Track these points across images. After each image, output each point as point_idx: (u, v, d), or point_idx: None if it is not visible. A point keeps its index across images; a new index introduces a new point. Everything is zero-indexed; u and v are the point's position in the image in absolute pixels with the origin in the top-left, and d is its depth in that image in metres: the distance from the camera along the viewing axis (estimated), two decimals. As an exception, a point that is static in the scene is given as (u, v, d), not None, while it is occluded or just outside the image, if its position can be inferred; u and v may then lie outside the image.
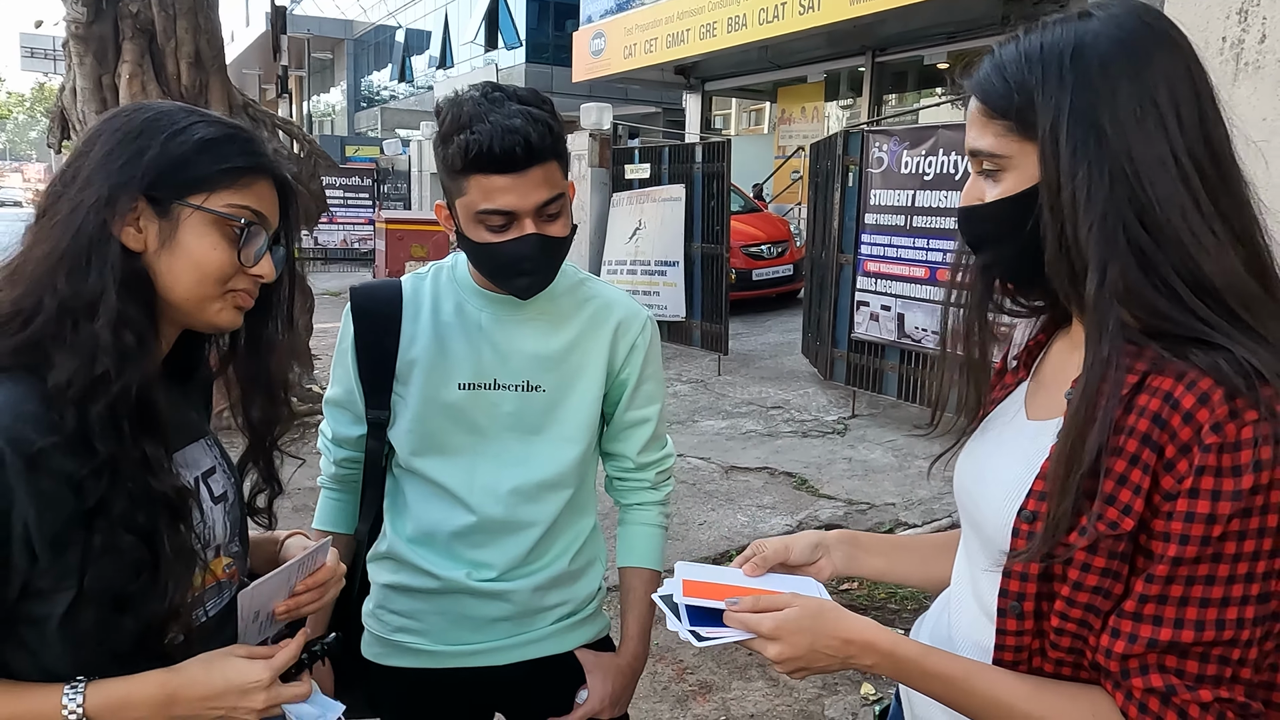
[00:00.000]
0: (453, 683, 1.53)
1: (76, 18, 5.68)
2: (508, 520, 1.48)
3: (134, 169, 0.99)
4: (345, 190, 16.50)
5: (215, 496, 1.13)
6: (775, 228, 11.58)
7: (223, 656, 1.02)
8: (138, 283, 0.99)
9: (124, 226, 0.99)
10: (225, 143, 1.04)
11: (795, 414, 6.85)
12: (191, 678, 0.99)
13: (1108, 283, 0.85)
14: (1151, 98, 0.86)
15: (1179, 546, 0.80)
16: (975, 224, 0.99)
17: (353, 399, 1.52)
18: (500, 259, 1.37)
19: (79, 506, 0.93)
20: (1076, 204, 0.86)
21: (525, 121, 1.29)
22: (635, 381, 1.54)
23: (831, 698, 3.15)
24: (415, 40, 29.62)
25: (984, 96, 0.94)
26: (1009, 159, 0.92)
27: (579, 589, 1.58)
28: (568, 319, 1.50)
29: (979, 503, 1.01)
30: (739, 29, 12.64)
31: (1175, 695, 0.82)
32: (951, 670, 0.94)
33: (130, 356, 0.95)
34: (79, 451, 0.93)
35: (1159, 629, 0.82)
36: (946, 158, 5.75)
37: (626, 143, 10.55)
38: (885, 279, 6.32)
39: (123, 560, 0.95)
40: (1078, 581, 0.87)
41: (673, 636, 3.52)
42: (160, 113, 1.04)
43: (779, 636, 0.96)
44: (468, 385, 1.46)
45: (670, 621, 1.04)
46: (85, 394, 0.93)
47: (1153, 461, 0.82)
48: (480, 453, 1.47)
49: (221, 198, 1.03)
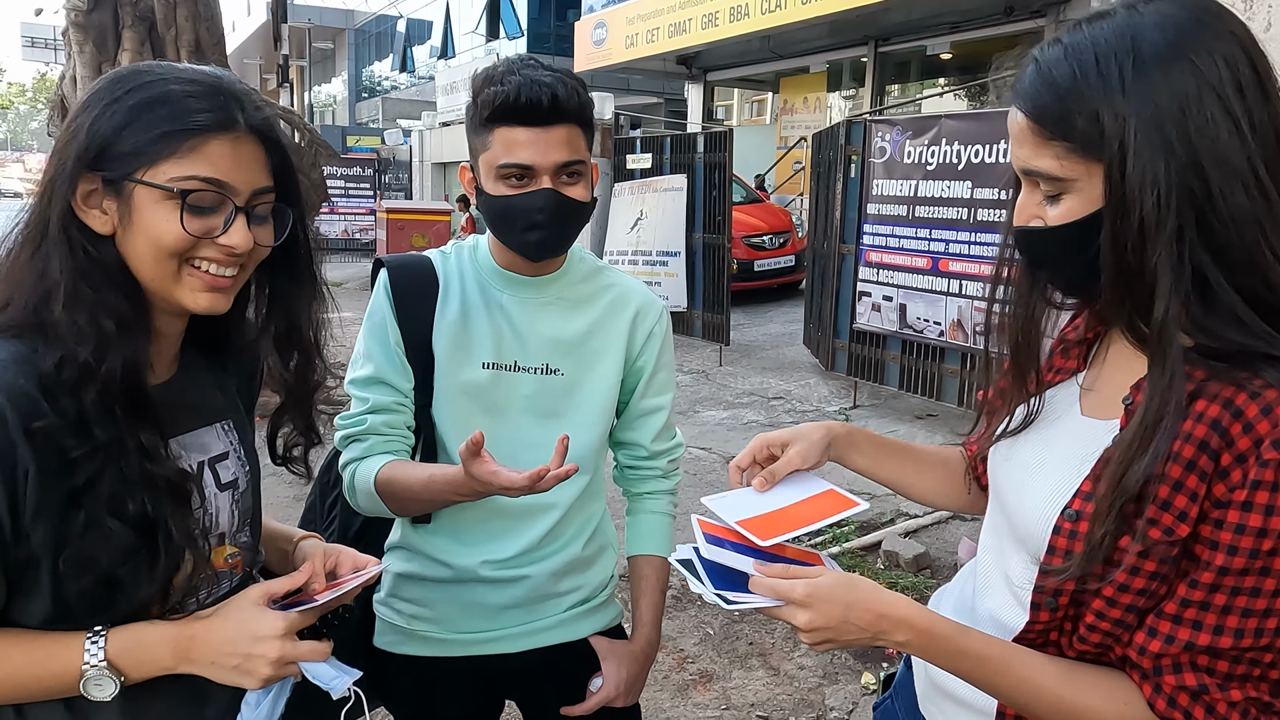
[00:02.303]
0: (466, 671, 1.53)
1: (77, 5, 5.68)
2: (526, 504, 1.45)
3: (78, 146, 0.94)
4: (346, 180, 16.48)
5: (222, 483, 1.09)
6: (777, 218, 11.56)
7: (237, 602, 1.01)
8: (112, 266, 0.95)
9: (89, 210, 0.95)
10: (156, 106, 0.94)
11: (797, 405, 6.84)
12: (208, 624, 0.98)
13: (1172, 313, 0.82)
14: (1218, 95, 0.80)
15: (1227, 556, 0.81)
16: (1037, 246, 0.95)
17: (394, 371, 1.45)
18: (514, 211, 1.37)
19: (70, 482, 0.91)
20: (1145, 231, 0.82)
21: (554, 80, 1.33)
22: (651, 370, 1.55)
23: (832, 687, 3.16)
24: (416, 30, 29.52)
25: (1038, 115, 0.88)
26: (1073, 182, 0.87)
27: (592, 575, 1.59)
28: (586, 304, 1.51)
29: (1021, 493, 1.00)
30: (741, 19, 12.58)
31: (1206, 693, 0.83)
32: (986, 651, 0.93)
33: (110, 343, 0.92)
34: (71, 434, 0.91)
35: (1198, 634, 0.83)
36: (949, 148, 5.73)
37: (628, 133, 10.51)
38: (887, 269, 6.31)
39: (110, 542, 0.92)
40: (1124, 584, 0.87)
41: (675, 625, 3.54)
42: (113, 76, 0.97)
43: (810, 604, 0.92)
44: (491, 365, 1.45)
45: (693, 584, 0.99)
46: (74, 382, 0.91)
47: (1210, 469, 0.82)
48: (498, 435, 1.45)
49: (163, 169, 0.94)
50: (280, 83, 14.71)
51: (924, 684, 1.16)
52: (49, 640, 0.93)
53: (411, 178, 18.45)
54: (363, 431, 1.45)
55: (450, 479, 1.29)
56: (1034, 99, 0.88)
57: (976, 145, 5.56)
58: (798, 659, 3.34)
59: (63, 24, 5.98)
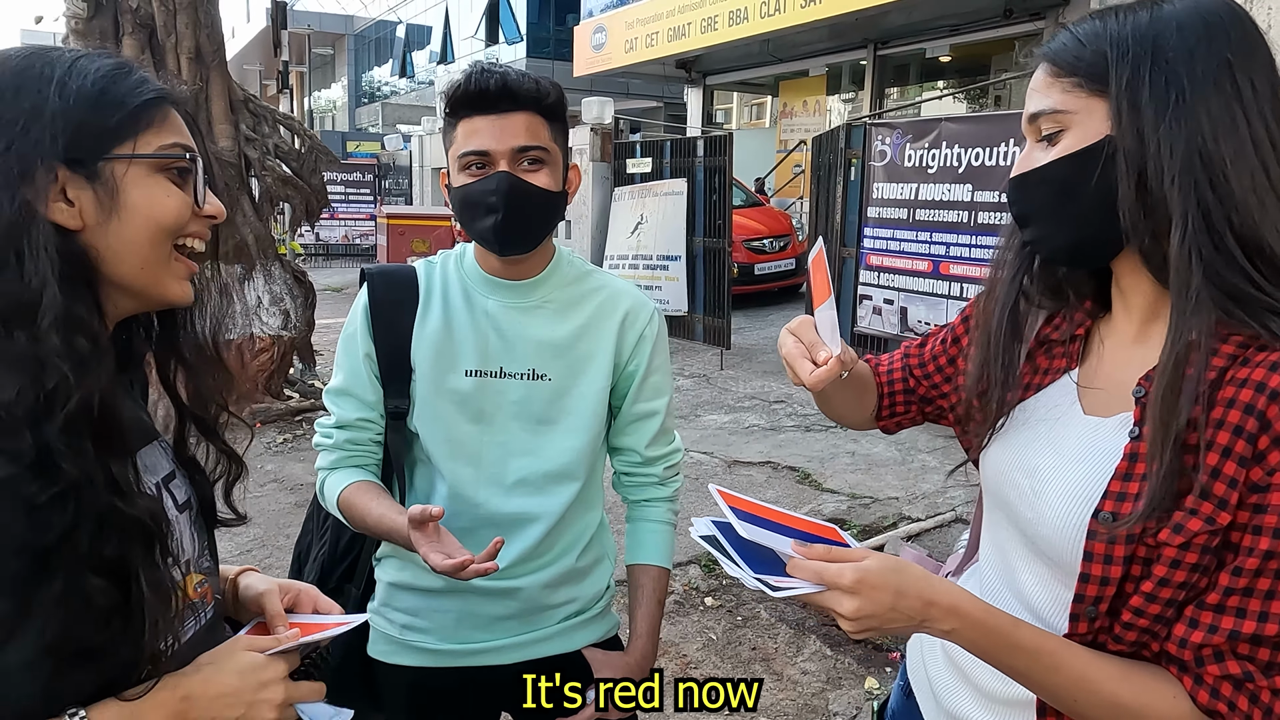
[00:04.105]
0: (459, 682, 1.52)
1: (76, 13, 5.67)
2: (515, 514, 1.46)
3: (37, 133, 0.81)
4: (346, 186, 16.49)
5: (179, 504, 0.98)
6: (777, 222, 11.56)
7: (229, 652, 0.93)
8: (81, 268, 0.84)
9: (51, 203, 0.82)
10: (123, 75, 0.87)
11: (798, 408, 6.83)
12: (203, 679, 0.89)
13: (1190, 236, 0.84)
14: (1227, 61, 0.85)
15: (1272, 540, 0.80)
16: (1029, 190, 0.95)
17: (360, 384, 1.48)
18: (472, 198, 1.38)
19: (36, 542, 0.78)
20: (1162, 157, 0.85)
21: (507, 70, 1.37)
22: (643, 373, 1.53)
23: (835, 692, 3.15)
24: (416, 35, 29.59)
25: (1054, 58, 0.93)
26: (1073, 114, 0.90)
27: (587, 586, 1.57)
28: (574, 308, 1.49)
29: (1028, 498, 0.97)
30: (740, 22, 12.60)
31: (1251, 681, 0.82)
32: (1041, 644, 0.89)
33: (86, 361, 0.80)
34: (34, 479, 0.77)
35: (1242, 621, 0.82)
36: (949, 151, 5.73)
37: (628, 137, 10.53)
38: (888, 272, 6.31)
39: (88, 607, 0.80)
40: (1164, 578, 0.85)
41: (678, 630, 3.53)
42: (29, 56, 0.85)
43: (859, 590, 0.86)
44: (475, 372, 1.45)
45: (728, 566, 0.90)
46: (38, 412, 0.78)
47: (1248, 453, 0.81)
48: (486, 443, 1.46)
49: (149, 139, 0.87)
50: (280, 89, 14.73)
51: (934, 713, 1.12)
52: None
53: (411, 183, 18.45)
54: (331, 445, 1.50)
55: (394, 528, 1.33)
56: (1055, 49, 0.94)
57: (977, 148, 5.56)
58: (801, 664, 3.33)
59: (63, 31, 5.98)
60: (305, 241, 14.91)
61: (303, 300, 6.49)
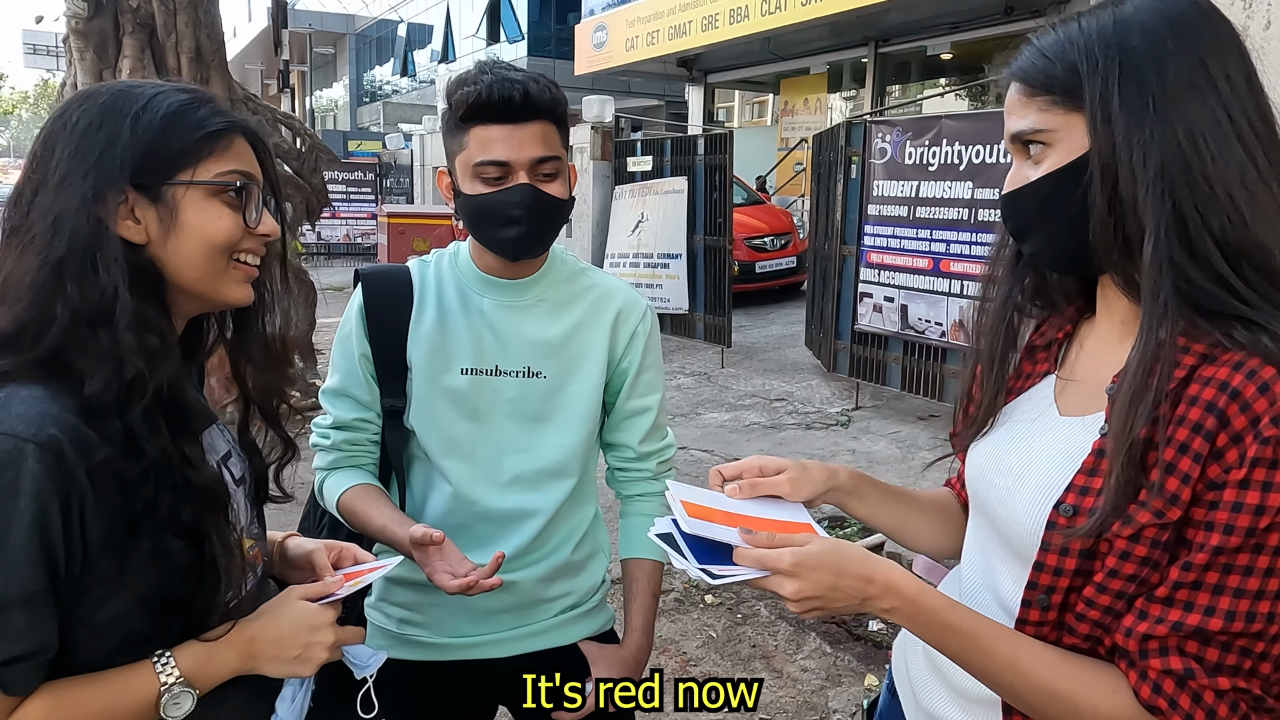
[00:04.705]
0: (456, 675, 1.53)
1: (77, 13, 5.67)
2: (510, 510, 1.48)
3: (111, 160, 0.95)
4: (348, 185, 16.48)
5: (236, 479, 1.12)
6: (778, 220, 11.55)
7: (285, 601, 1.07)
8: (148, 276, 0.97)
9: (120, 221, 0.96)
10: (192, 109, 1.00)
11: (799, 406, 6.84)
12: (264, 624, 1.03)
13: (1162, 248, 0.83)
14: (1200, 60, 0.85)
15: (1223, 536, 0.79)
16: (1021, 206, 0.96)
17: (356, 385, 1.49)
18: (491, 209, 1.38)
19: (126, 510, 0.92)
20: (1134, 166, 0.85)
21: (525, 78, 1.36)
22: (636, 370, 1.54)
23: (835, 689, 3.15)
24: (417, 34, 29.57)
25: (1023, 76, 0.92)
26: (1054, 133, 0.90)
27: (582, 580, 1.58)
28: (568, 306, 1.50)
29: (1004, 497, 0.98)
30: (741, 20, 12.59)
31: (1192, 679, 0.81)
32: (976, 627, 0.90)
33: (157, 355, 0.94)
34: (125, 457, 0.91)
35: (1188, 614, 0.81)
36: (950, 148, 5.72)
37: (629, 136, 10.52)
38: (889, 270, 6.30)
39: (172, 563, 0.95)
40: (1114, 569, 0.86)
41: (677, 628, 3.54)
42: (115, 94, 1.00)
43: (798, 573, 0.89)
44: (470, 371, 1.46)
45: (676, 559, 0.95)
46: (122, 400, 0.91)
47: (1205, 451, 0.80)
48: (481, 440, 1.47)
49: (208, 167, 1.00)
50: (281, 88, 14.73)
51: (914, 712, 1.13)
52: (117, 676, 0.94)
53: (413, 182, 18.45)
54: (329, 446, 1.51)
55: (395, 540, 1.36)
56: (1023, 67, 0.93)
57: (977, 145, 5.55)
58: (801, 661, 3.33)
59: (63, 31, 5.98)
60: (307, 241, 14.92)
61: (304, 299, 6.50)
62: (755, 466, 1.11)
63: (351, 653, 1.14)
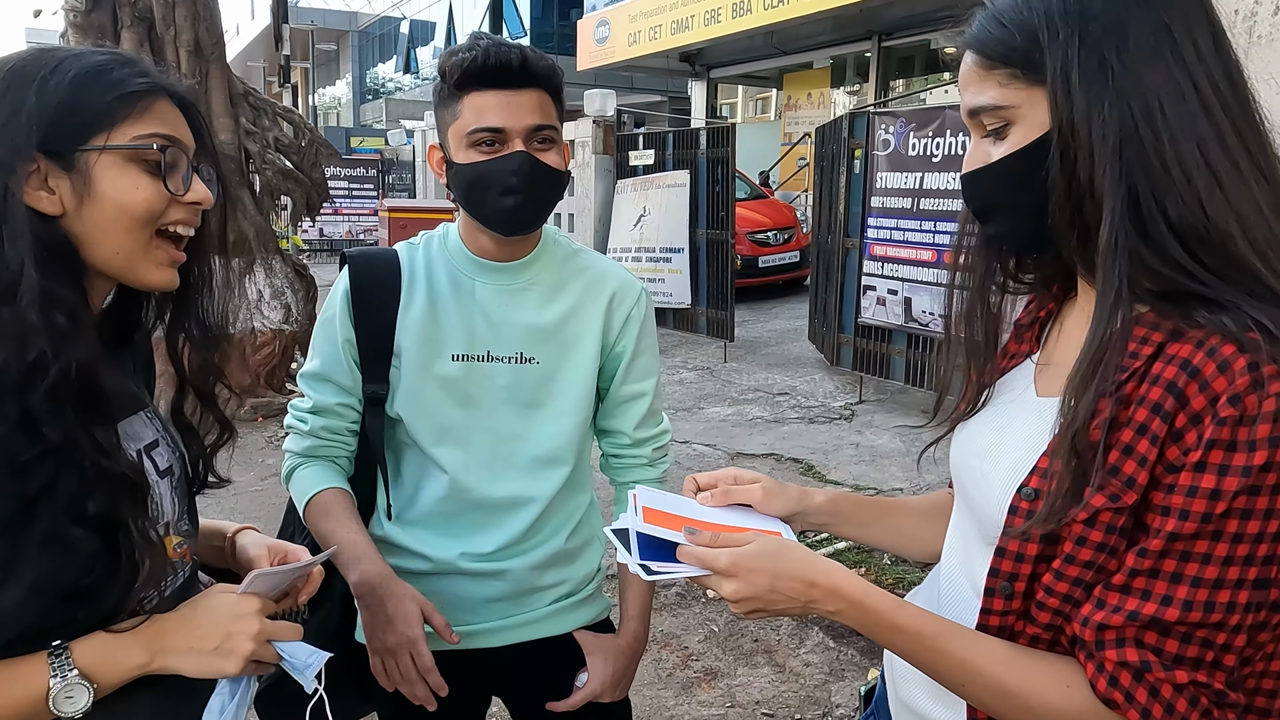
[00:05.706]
0: (449, 665, 1.50)
1: (75, 6, 5.66)
2: (505, 498, 1.45)
3: (16, 127, 0.88)
4: (350, 181, 16.48)
5: (160, 470, 1.05)
6: (781, 214, 11.51)
7: (205, 595, 1.01)
8: (60, 251, 0.90)
9: (31, 191, 0.89)
10: (107, 70, 0.93)
11: (802, 400, 6.80)
12: (180, 614, 0.97)
13: (1118, 231, 0.79)
14: (1165, 24, 0.79)
15: (1178, 521, 0.75)
16: (982, 187, 0.90)
17: (338, 370, 1.45)
18: (487, 177, 1.34)
19: (19, 493, 0.86)
20: (1093, 146, 0.79)
21: (521, 47, 1.33)
22: (630, 355, 1.50)
23: (838, 684, 3.12)
24: (419, 31, 29.56)
25: (980, 47, 0.86)
26: (1015, 109, 0.85)
27: (577, 568, 1.55)
28: (562, 290, 1.47)
29: (978, 480, 0.95)
30: (744, 15, 12.55)
31: (1149, 672, 0.77)
32: (922, 627, 0.88)
33: (65, 335, 0.87)
34: (20, 439, 0.86)
35: (1144, 603, 0.77)
36: (954, 139, 5.68)
37: (631, 129, 10.49)
38: (892, 263, 6.26)
39: (72, 552, 0.88)
40: (1070, 555, 0.82)
41: (679, 623, 3.51)
42: (25, 59, 0.92)
43: (735, 574, 0.89)
44: (461, 357, 1.42)
45: (620, 554, 0.96)
46: (23, 381, 0.85)
47: (1162, 432, 0.76)
48: (475, 427, 1.43)
49: (124, 130, 0.92)
50: (281, 83, 14.72)
51: (895, 703, 1.11)
52: (5, 666, 0.88)
53: (415, 177, 18.45)
54: (306, 431, 1.46)
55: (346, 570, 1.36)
56: (978, 36, 0.88)
57: (981, 136, 5.51)
58: (804, 656, 3.30)
59: (63, 26, 5.97)
60: (309, 236, 14.92)
61: (304, 294, 6.48)
62: (730, 476, 1.12)
63: (288, 650, 1.03)
